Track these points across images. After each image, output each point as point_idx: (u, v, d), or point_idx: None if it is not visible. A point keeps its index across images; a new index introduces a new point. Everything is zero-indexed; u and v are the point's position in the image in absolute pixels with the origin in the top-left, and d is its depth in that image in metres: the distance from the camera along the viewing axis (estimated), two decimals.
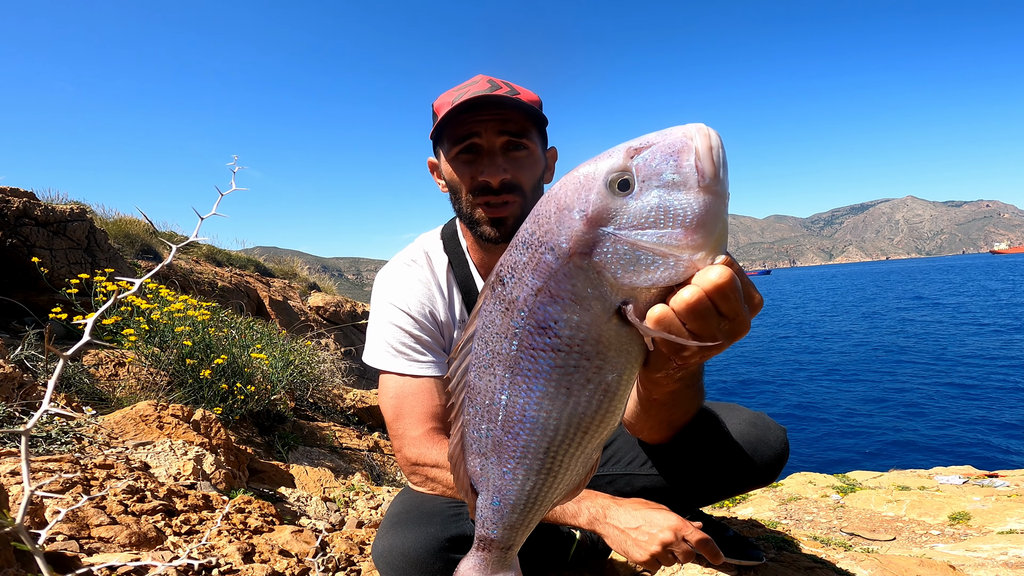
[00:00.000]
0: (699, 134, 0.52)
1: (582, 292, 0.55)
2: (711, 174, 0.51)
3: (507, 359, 0.60)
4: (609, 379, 0.58)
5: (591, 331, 0.56)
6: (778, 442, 1.22)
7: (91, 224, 4.39)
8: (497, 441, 0.64)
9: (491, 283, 0.61)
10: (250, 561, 1.37)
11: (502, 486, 0.67)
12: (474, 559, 0.75)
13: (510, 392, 0.61)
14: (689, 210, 0.51)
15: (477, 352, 0.63)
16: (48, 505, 1.32)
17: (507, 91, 1.17)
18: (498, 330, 0.60)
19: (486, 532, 0.72)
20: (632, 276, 0.53)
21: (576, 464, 0.65)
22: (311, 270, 13.50)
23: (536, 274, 0.56)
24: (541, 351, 0.57)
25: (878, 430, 9.43)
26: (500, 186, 1.18)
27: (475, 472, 0.70)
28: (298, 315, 8.45)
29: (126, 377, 3.00)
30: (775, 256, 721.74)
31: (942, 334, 19.83)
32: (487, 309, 0.61)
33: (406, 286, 1.30)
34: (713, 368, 16.47)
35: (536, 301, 0.56)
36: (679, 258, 0.52)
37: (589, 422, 0.60)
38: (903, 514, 2.58)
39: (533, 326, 0.57)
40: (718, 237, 0.52)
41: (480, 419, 0.65)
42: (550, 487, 0.66)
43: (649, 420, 1.06)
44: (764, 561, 1.39)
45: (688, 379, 0.91)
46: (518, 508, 0.69)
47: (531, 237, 0.57)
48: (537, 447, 0.62)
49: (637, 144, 0.54)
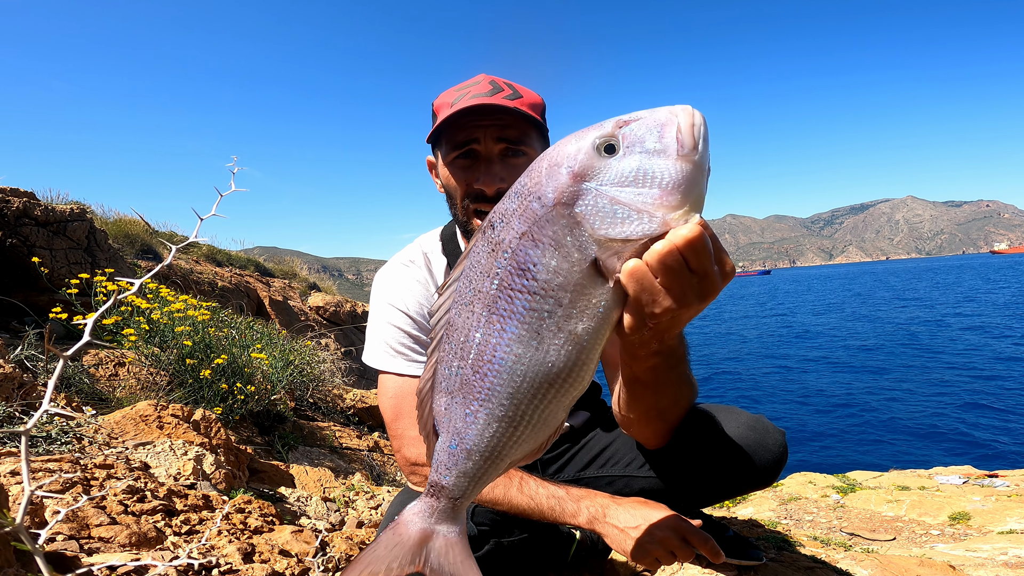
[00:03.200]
0: (683, 112, 0.58)
1: (562, 239, 0.59)
2: (690, 146, 0.57)
3: (486, 297, 0.63)
4: (579, 329, 0.61)
5: (567, 277, 0.60)
6: (777, 445, 1.21)
7: (91, 224, 4.39)
8: (466, 380, 0.66)
9: (483, 228, 0.65)
10: (250, 561, 1.37)
11: (462, 428, 0.68)
12: (421, 504, 0.73)
13: (484, 330, 0.63)
14: (666, 174, 0.57)
15: (460, 290, 0.66)
16: (48, 505, 1.32)
17: (508, 93, 1.16)
18: (482, 269, 0.64)
19: (438, 477, 0.72)
20: (608, 228, 0.58)
21: (539, 420, 0.66)
22: (311, 270, 13.50)
23: (522, 219, 0.61)
24: (519, 292, 0.61)
25: (878, 430, 9.43)
26: (496, 195, 1.17)
27: (439, 411, 0.70)
28: (298, 315, 8.46)
29: (126, 377, 3.00)
30: (775, 256, 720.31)
31: (942, 334, 19.83)
32: (475, 250, 0.65)
33: (404, 287, 1.30)
34: (715, 368, 16.46)
35: (519, 243, 0.61)
36: (652, 215, 0.57)
37: (556, 374, 0.62)
38: (903, 514, 2.58)
39: (514, 267, 0.61)
40: (693, 201, 0.58)
41: (453, 356, 0.67)
42: (509, 438, 0.67)
43: (637, 407, 1.03)
44: (764, 561, 1.39)
45: (669, 357, 0.87)
46: (474, 455, 0.68)
47: (522, 188, 0.63)
48: (502, 391, 0.64)
49: (627, 117, 0.60)
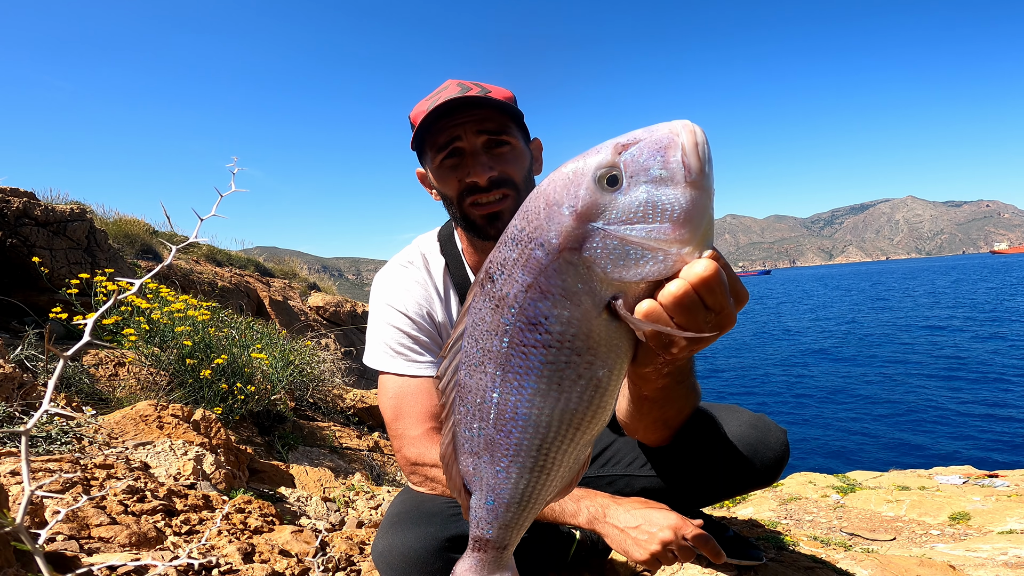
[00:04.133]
0: (684, 130, 0.52)
1: (572, 287, 0.55)
2: (697, 169, 0.52)
3: (498, 356, 0.59)
4: (600, 374, 0.58)
5: (581, 326, 0.56)
6: (778, 444, 1.22)
7: (91, 224, 4.39)
8: (489, 440, 0.64)
9: (480, 280, 0.60)
10: (250, 561, 1.37)
11: (495, 485, 0.67)
12: (470, 560, 0.75)
13: (502, 390, 0.60)
14: (677, 205, 0.52)
15: (467, 350, 0.63)
16: (48, 505, 1.32)
17: (478, 92, 1.17)
18: (488, 327, 0.60)
19: (481, 532, 0.72)
20: (622, 271, 0.54)
21: (568, 461, 0.65)
22: (311, 270, 13.51)
23: (526, 270, 0.56)
24: (532, 347, 0.57)
25: (877, 430, 9.42)
26: (489, 183, 1.18)
27: (468, 472, 0.69)
28: (298, 315, 8.46)
29: (126, 377, 3.00)
30: (775, 256, 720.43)
31: (944, 334, 19.81)
32: (476, 306, 0.61)
33: (403, 287, 1.31)
34: (715, 369, 16.45)
35: (526, 297, 0.56)
36: (667, 252, 0.53)
37: (580, 418, 0.60)
38: (903, 514, 2.58)
39: (524, 322, 0.57)
40: (704, 231, 0.53)
41: (472, 418, 0.65)
42: (543, 485, 0.66)
43: (643, 419, 1.05)
44: (764, 561, 1.39)
45: (677, 375, 0.90)
46: (512, 507, 0.68)
47: (520, 233, 0.57)
48: (530, 444, 0.62)
49: (624, 140, 0.54)
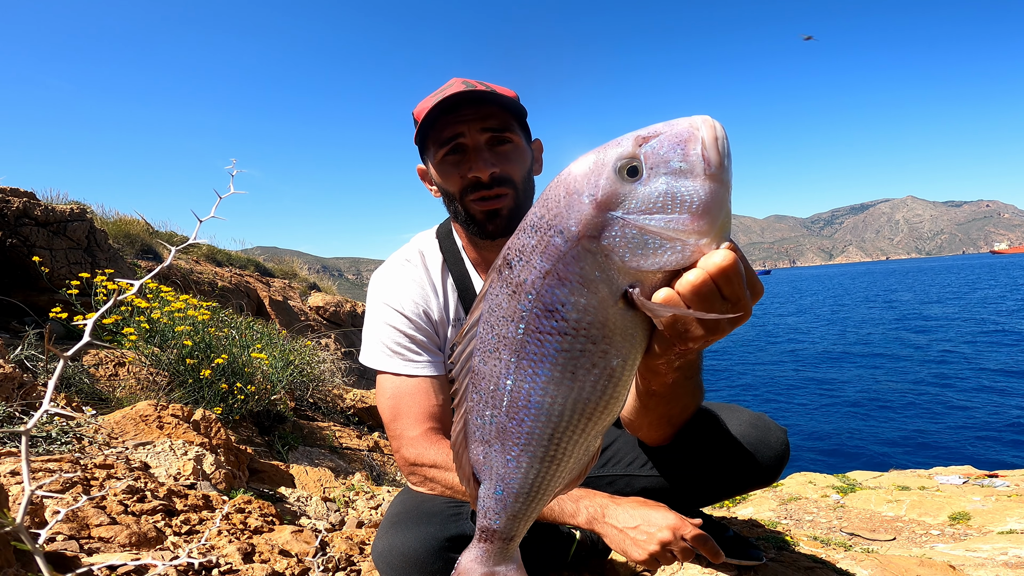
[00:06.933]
0: (705, 125, 0.53)
1: (590, 275, 0.55)
2: (716, 163, 0.52)
3: (513, 343, 0.59)
4: (614, 364, 0.58)
5: (598, 314, 0.56)
6: (779, 443, 1.22)
7: (91, 224, 4.38)
8: (501, 428, 0.64)
9: (498, 266, 0.60)
10: (250, 561, 1.37)
11: (505, 474, 0.67)
12: (476, 550, 0.74)
13: (515, 377, 0.60)
14: (696, 197, 0.53)
15: (482, 336, 0.62)
16: (48, 505, 1.32)
17: (482, 89, 1.18)
18: (504, 313, 0.59)
19: (488, 522, 0.71)
20: (640, 259, 0.54)
21: (579, 451, 0.65)
22: (311, 270, 13.51)
23: (545, 257, 0.56)
24: (548, 334, 0.57)
25: (877, 430, 9.42)
26: (491, 180, 1.18)
27: (478, 460, 0.69)
28: (298, 315, 8.46)
29: (126, 377, 3.00)
30: (775, 256, 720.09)
31: (942, 335, 19.80)
32: (493, 292, 0.61)
33: (400, 286, 1.30)
34: (715, 369, 16.44)
35: (544, 284, 0.56)
36: (685, 243, 0.53)
37: (593, 408, 0.60)
38: (903, 514, 2.58)
39: (540, 309, 0.57)
40: (722, 223, 0.54)
41: (484, 405, 0.64)
42: (553, 475, 0.66)
43: (648, 415, 1.06)
44: (764, 561, 1.39)
45: (687, 369, 0.90)
46: (521, 497, 0.68)
47: (540, 220, 0.57)
48: (541, 434, 0.62)
49: (645, 133, 0.55)
